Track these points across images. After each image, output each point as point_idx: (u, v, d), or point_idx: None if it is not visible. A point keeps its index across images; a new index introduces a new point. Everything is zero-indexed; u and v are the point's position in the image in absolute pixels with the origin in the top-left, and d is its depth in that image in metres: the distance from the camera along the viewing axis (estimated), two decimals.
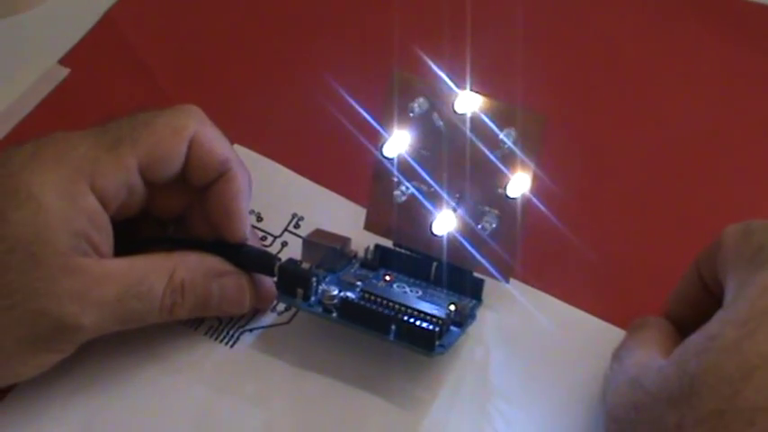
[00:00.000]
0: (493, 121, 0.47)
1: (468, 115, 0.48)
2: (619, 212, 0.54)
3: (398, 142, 0.49)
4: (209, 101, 0.53)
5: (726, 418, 0.36)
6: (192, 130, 0.48)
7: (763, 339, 0.37)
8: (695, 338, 0.39)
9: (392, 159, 0.49)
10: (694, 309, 0.44)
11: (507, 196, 0.48)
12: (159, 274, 0.47)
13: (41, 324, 0.44)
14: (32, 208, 0.44)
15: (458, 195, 0.49)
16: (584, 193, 0.53)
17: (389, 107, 0.49)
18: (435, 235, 0.49)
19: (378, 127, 0.49)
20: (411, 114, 0.48)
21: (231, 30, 0.64)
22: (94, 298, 0.45)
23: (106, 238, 0.46)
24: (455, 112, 0.48)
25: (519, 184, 0.47)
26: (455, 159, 0.48)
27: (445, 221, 0.49)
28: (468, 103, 0.47)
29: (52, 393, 0.48)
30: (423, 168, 0.49)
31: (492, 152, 0.47)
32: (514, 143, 0.47)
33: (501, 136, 0.47)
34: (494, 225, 0.48)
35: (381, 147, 0.49)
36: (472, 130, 0.48)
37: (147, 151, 0.47)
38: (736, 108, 0.58)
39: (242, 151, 0.57)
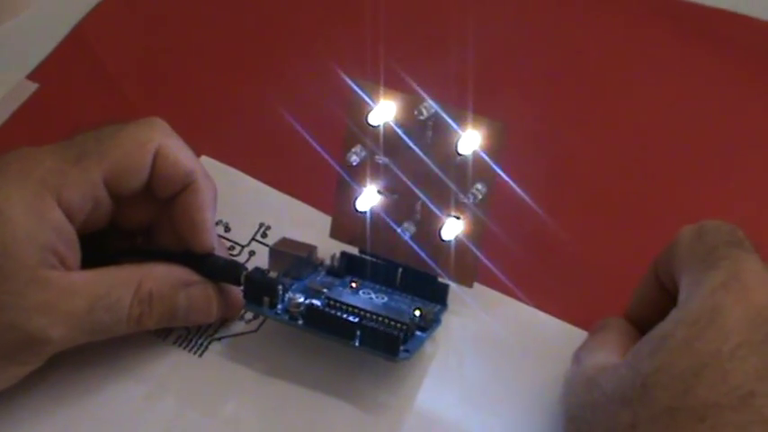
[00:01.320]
0: (455, 129, 0.48)
1: (430, 123, 0.48)
2: (580, 216, 0.54)
3: (361, 150, 0.50)
4: (177, 113, 0.53)
5: (678, 415, 0.37)
6: (157, 142, 0.48)
7: (713, 337, 0.38)
8: (648, 338, 0.40)
9: (355, 167, 0.50)
10: (653, 309, 0.45)
11: (470, 202, 0.48)
12: (126, 285, 0.47)
13: (9, 337, 0.45)
14: None
15: (421, 202, 0.49)
16: (545, 198, 0.54)
17: (351, 116, 0.49)
18: (400, 241, 0.50)
19: (341, 136, 0.50)
20: (373, 123, 0.49)
21: (198, 43, 0.65)
22: (62, 310, 0.45)
23: (73, 251, 0.47)
24: (417, 119, 0.48)
25: (481, 189, 0.48)
26: (417, 167, 0.49)
27: (408, 228, 0.50)
28: (430, 110, 0.48)
29: (21, 406, 0.48)
30: (385, 176, 0.50)
31: (454, 159, 0.48)
32: (476, 150, 0.48)
33: (463, 142, 0.48)
34: (457, 231, 0.49)
35: (344, 155, 0.50)
36: (434, 137, 0.49)
37: (112, 164, 0.47)
38: (700, 113, 0.59)
39: (209, 162, 0.57)
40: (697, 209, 0.54)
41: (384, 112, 0.49)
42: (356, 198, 0.50)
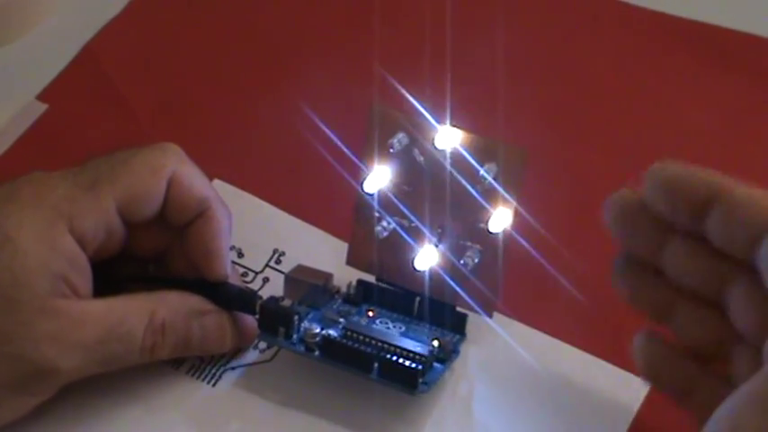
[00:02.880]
0: (473, 156, 0.47)
1: (449, 150, 0.47)
2: (601, 245, 0.53)
3: (379, 177, 0.49)
4: (189, 136, 0.52)
5: None
6: (171, 168, 0.47)
7: None
8: None
9: (373, 195, 0.49)
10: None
11: (489, 231, 0.47)
12: (139, 314, 0.46)
13: (19, 368, 0.44)
14: (9, 251, 0.44)
15: (439, 230, 0.49)
16: (566, 227, 0.53)
17: (370, 142, 0.49)
18: (417, 270, 0.49)
19: (358, 162, 0.49)
20: (391, 149, 0.48)
21: (211, 64, 0.64)
22: (73, 341, 0.44)
23: (85, 280, 0.46)
24: (435, 147, 0.48)
25: (500, 218, 0.47)
26: (436, 194, 0.48)
27: (427, 256, 0.49)
28: (449, 137, 0.47)
29: None
30: (404, 203, 0.49)
31: (473, 187, 0.47)
32: (495, 177, 0.47)
33: (482, 171, 0.47)
34: (476, 260, 0.48)
35: (362, 182, 0.49)
36: (453, 164, 0.48)
37: (125, 191, 0.46)
38: (721, 138, 0.58)
39: (222, 186, 0.56)
40: None
41: (403, 138, 0.48)
42: (374, 225, 0.49)
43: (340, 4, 0.66)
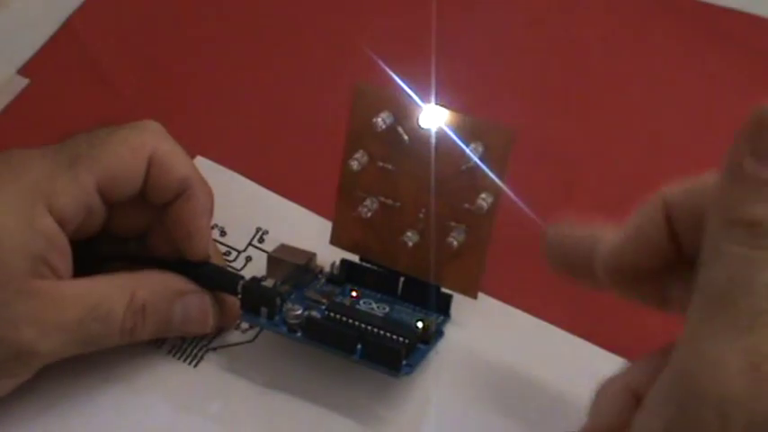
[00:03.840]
0: (459, 136, 0.47)
1: (434, 130, 0.47)
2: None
3: (363, 156, 0.48)
4: (171, 112, 0.52)
5: None
6: (151, 147, 0.47)
7: None
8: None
9: (357, 173, 0.48)
10: (648, 251, 0.37)
11: (474, 211, 0.47)
12: (119, 295, 0.46)
13: None
14: None
15: (424, 210, 0.48)
16: (552, 207, 0.52)
17: (354, 120, 0.48)
18: (402, 249, 0.48)
19: (343, 141, 0.49)
20: (376, 128, 0.48)
21: (194, 39, 0.63)
22: (53, 322, 0.44)
23: (64, 260, 0.45)
24: (420, 126, 0.47)
25: (486, 198, 0.47)
26: (421, 174, 0.48)
27: (412, 236, 0.48)
28: (434, 116, 0.47)
29: (10, 418, 0.46)
30: (389, 182, 0.48)
31: (458, 166, 0.47)
32: (481, 157, 0.46)
33: (468, 150, 0.46)
34: (461, 240, 0.47)
35: (347, 161, 0.48)
36: (438, 144, 0.47)
37: (105, 170, 0.46)
38: (711, 115, 0.57)
39: (204, 163, 0.56)
40: None
41: (388, 117, 0.47)
42: (358, 204, 0.49)
43: None
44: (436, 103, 0.47)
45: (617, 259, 0.37)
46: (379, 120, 0.47)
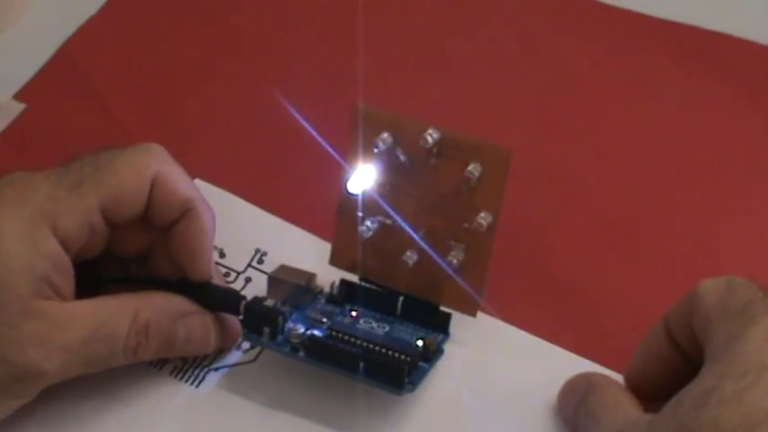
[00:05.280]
0: (458, 156, 0.47)
1: (435, 149, 0.47)
2: (586, 244, 0.54)
3: (363, 177, 0.49)
4: (168, 134, 0.52)
5: None
6: (155, 169, 0.47)
7: (764, 392, 0.37)
8: (689, 393, 0.38)
9: (357, 195, 0.49)
10: (661, 366, 0.44)
11: (473, 230, 0.47)
12: (122, 315, 0.46)
13: (3, 371, 0.43)
14: None
15: (424, 230, 0.49)
16: (550, 226, 0.53)
17: (354, 142, 0.49)
18: (401, 269, 0.49)
19: (341, 161, 0.49)
20: (375, 149, 0.48)
21: (191, 62, 0.64)
22: (58, 342, 0.44)
23: (68, 281, 0.46)
24: (420, 146, 0.47)
25: (485, 217, 0.47)
26: (420, 194, 0.48)
27: (411, 256, 0.49)
28: (433, 137, 0.47)
29: None
30: (388, 203, 0.49)
31: (459, 186, 0.47)
32: (480, 177, 0.47)
33: (466, 170, 0.47)
34: (460, 259, 0.48)
35: (346, 182, 0.49)
36: (438, 163, 0.48)
37: (109, 191, 0.46)
38: (703, 138, 0.58)
39: (203, 186, 0.56)
40: (706, 237, 0.53)
41: (387, 138, 0.48)
42: (357, 225, 0.49)
43: (323, 2, 0.66)
44: (435, 124, 0.47)
45: (634, 373, 0.45)
46: (379, 140, 0.48)
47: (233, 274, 0.53)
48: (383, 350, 0.46)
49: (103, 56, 0.64)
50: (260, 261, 0.54)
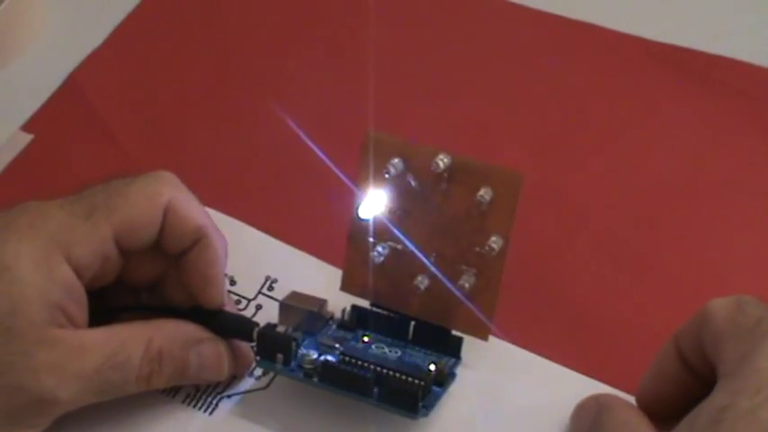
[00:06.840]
0: (469, 180, 0.47)
1: (446, 174, 0.48)
2: (598, 268, 0.54)
3: (374, 203, 0.49)
4: (176, 163, 0.52)
5: None
6: (167, 197, 0.47)
7: None
8: (703, 410, 0.39)
9: (368, 220, 0.49)
10: (673, 385, 0.44)
11: (484, 255, 0.47)
12: (136, 343, 0.46)
13: (18, 399, 0.44)
14: (7, 280, 0.43)
15: (435, 254, 0.49)
16: (561, 250, 0.53)
17: (364, 168, 0.49)
18: (414, 294, 0.49)
19: (352, 187, 0.49)
20: (386, 175, 0.48)
21: (197, 91, 0.64)
22: (72, 370, 0.44)
23: (82, 309, 0.46)
24: (430, 171, 0.48)
25: (496, 241, 0.47)
26: (431, 219, 0.48)
27: (423, 281, 0.49)
28: (444, 162, 0.47)
29: None
30: (399, 228, 0.49)
31: (470, 211, 0.47)
32: (491, 201, 0.47)
33: (477, 195, 0.47)
34: (472, 283, 0.48)
35: (357, 208, 0.49)
36: (449, 188, 0.48)
37: (122, 220, 0.46)
38: (709, 159, 0.58)
39: (212, 214, 0.55)
40: (715, 261, 0.54)
41: (398, 164, 0.48)
42: (369, 250, 0.49)
43: (330, 28, 0.66)
44: (445, 150, 0.47)
45: (645, 394, 0.45)
46: (390, 166, 0.48)
47: (243, 302, 0.53)
48: (396, 374, 0.47)
49: (110, 86, 0.64)
50: (270, 288, 0.54)
